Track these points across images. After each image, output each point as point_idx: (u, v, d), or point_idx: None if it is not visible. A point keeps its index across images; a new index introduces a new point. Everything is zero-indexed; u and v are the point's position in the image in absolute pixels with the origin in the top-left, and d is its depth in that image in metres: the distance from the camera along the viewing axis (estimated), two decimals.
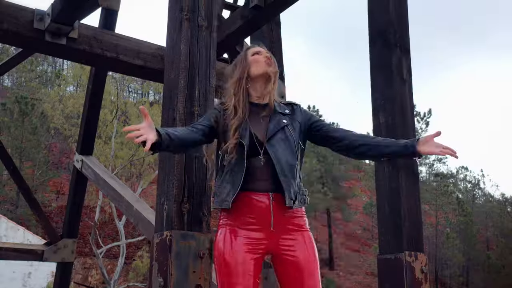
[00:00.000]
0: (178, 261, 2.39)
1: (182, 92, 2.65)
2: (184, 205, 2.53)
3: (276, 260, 2.41)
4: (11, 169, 8.53)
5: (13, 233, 17.07)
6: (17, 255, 8.09)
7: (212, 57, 2.81)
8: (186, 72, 2.69)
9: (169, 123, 2.69)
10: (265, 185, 2.37)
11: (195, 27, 2.77)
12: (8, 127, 28.32)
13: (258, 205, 2.35)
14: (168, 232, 2.45)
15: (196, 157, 2.62)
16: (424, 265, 3.16)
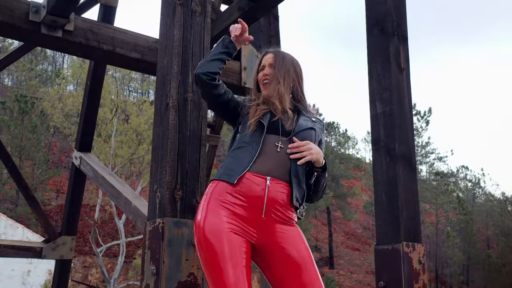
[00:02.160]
0: (170, 248, 2.34)
1: (175, 78, 2.60)
2: (177, 192, 2.47)
3: (265, 254, 2.26)
4: (9, 167, 8.50)
5: (12, 231, 17.02)
6: (15, 252, 8.05)
7: (206, 43, 2.76)
8: (179, 58, 2.64)
9: (162, 109, 2.65)
10: (269, 169, 2.27)
11: (188, 12, 2.72)
12: (8, 125, 28.29)
13: (252, 187, 2.23)
14: (160, 220, 2.39)
15: (189, 144, 2.57)
16: (422, 256, 3.12)
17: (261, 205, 2.22)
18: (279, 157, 2.31)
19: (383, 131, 3.31)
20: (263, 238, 2.24)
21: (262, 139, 2.30)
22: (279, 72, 2.48)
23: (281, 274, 2.24)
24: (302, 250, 2.28)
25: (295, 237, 2.29)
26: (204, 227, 2.15)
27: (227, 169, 2.28)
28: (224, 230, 2.14)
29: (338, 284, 33.06)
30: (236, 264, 2.10)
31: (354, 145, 60.55)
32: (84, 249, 28.65)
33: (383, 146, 3.29)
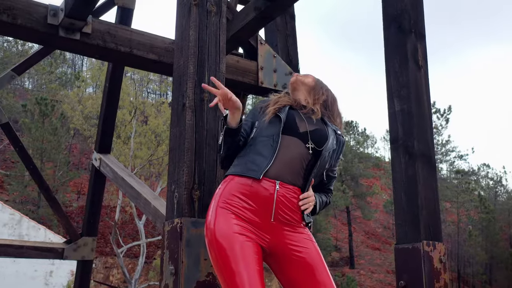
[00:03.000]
0: (189, 248, 2.34)
1: (192, 78, 2.60)
2: (194, 192, 2.48)
3: (278, 257, 2.26)
4: (31, 169, 8.62)
5: (35, 232, 17.23)
6: (38, 253, 8.16)
7: (221, 43, 2.75)
8: (195, 58, 2.64)
9: (179, 110, 2.65)
10: (279, 172, 2.27)
11: (204, 12, 2.72)
12: (29, 128, 28.65)
13: (261, 191, 2.22)
14: (178, 220, 2.40)
15: (206, 144, 2.57)
16: (443, 255, 3.08)
17: (270, 209, 2.23)
18: (295, 159, 2.32)
19: (402, 129, 3.27)
20: (274, 241, 2.25)
21: (279, 134, 2.34)
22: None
23: (294, 276, 2.25)
24: (313, 251, 2.29)
25: (305, 239, 2.31)
26: (214, 230, 2.17)
27: (251, 163, 2.30)
28: (234, 233, 2.15)
29: (359, 284, 32.89)
30: (248, 265, 2.10)
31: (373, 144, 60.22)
32: (105, 250, 28.90)
33: (401, 144, 3.25)
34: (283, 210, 2.25)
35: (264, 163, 2.26)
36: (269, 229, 2.23)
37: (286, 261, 2.25)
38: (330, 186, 2.67)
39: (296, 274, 2.23)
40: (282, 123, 2.34)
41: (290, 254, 2.24)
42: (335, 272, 31.67)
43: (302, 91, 2.65)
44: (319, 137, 2.42)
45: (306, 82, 2.68)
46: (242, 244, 2.14)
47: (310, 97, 2.61)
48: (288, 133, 2.35)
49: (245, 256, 2.12)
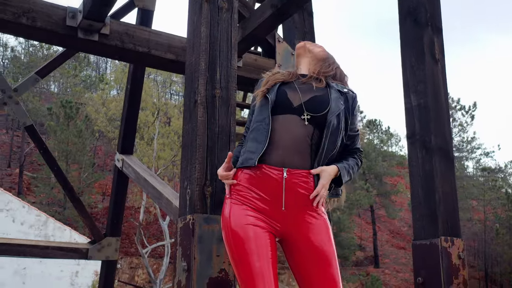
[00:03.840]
0: (201, 245, 2.34)
1: (203, 75, 2.60)
2: (207, 188, 2.48)
3: (289, 245, 2.23)
4: (55, 170, 8.75)
5: (60, 233, 17.47)
6: (63, 253, 8.28)
7: (233, 39, 2.75)
8: (207, 55, 2.64)
9: (191, 106, 2.66)
10: (283, 158, 2.20)
11: (215, 9, 2.72)
12: (54, 131, 29.06)
13: (269, 180, 2.17)
14: (191, 216, 2.40)
15: (219, 140, 2.57)
16: (462, 251, 3.04)
17: (280, 198, 2.18)
18: (297, 138, 2.23)
19: (418, 124, 3.24)
20: (288, 229, 2.21)
21: (269, 115, 2.26)
22: None
23: (304, 266, 2.21)
24: (327, 244, 2.23)
25: (321, 229, 2.23)
26: (230, 221, 2.16)
27: (248, 152, 2.27)
28: (249, 224, 2.14)
29: (384, 283, 32.61)
30: (261, 256, 2.09)
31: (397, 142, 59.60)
32: (130, 250, 29.15)
33: (418, 139, 3.22)
34: (293, 197, 2.20)
35: (258, 148, 2.21)
36: (282, 217, 2.19)
37: (297, 249, 2.22)
38: (355, 145, 2.47)
39: (304, 262, 2.20)
40: (270, 104, 2.24)
41: (305, 243, 2.20)
42: (359, 271, 31.49)
43: (307, 60, 2.52)
44: (318, 104, 2.28)
45: (315, 51, 2.54)
46: (255, 235, 2.13)
47: (316, 68, 2.47)
48: (281, 111, 2.25)
49: (258, 247, 2.11)
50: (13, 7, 4.77)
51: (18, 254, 8.51)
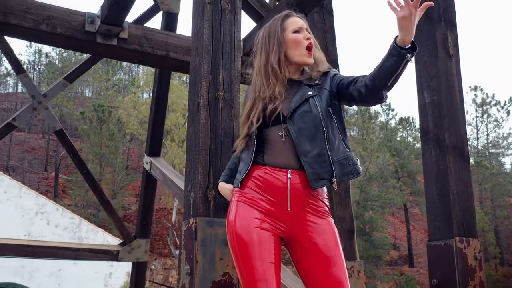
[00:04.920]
0: (204, 248, 2.33)
1: (205, 77, 2.59)
2: (209, 191, 2.47)
3: (295, 246, 2.20)
4: (85, 173, 8.90)
5: (93, 235, 17.75)
6: (94, 255, 8.42)
7: (236, 40, 2.73)
8: (209, 57, 2.63)
9: (194, 109, 2.65)
10: (286, 160, 2.18)
11: (217, 10, 2.71)
12: (88, 134, 29.58)
13: (274, 182, 2.16)
14: (193, 219, 2.39)
15: (222, 143, 2.56)
16: (478, 252, 2.95)
17: (285, 198, 2.16)
18: (289, 147, 2.20)
19: (432, 121, 3.16)
20: (293, 231, 2.18)
21: (253, 135, 2.23)
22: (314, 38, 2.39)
23: (308, 265, 2.18)
24: (332, 244, 2.18)
25: (325, 230, 2.20)
26: (235, 224, 2.15)
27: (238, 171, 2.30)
28: (253, 227, 2.13)
29: (418, 283, 32.11)
30: (264, 260, 2.08)
31: None
32: (164, 251, 29.46)
33: (432, 137, 3.14)
34: (299, 198, 2.17)
35: (249, 160, 2.25)
36: (287, 218, 2.17)
37: (302, 250, 2.19)
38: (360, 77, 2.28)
39: (312, 265, 2.16)
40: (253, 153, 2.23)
41: (309, 244, 2.17)
42: (393, 271, 31.08)
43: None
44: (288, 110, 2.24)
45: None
46: (260, 238, 2.11)
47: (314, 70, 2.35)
48: (272, 129, 2.25)
49: (262, 250, 2.09)
50: (33, 14, 4.86)
51: (51, 256, 8.69)
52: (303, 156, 2.17)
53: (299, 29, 2.36)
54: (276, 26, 2.36)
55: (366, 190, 29.17)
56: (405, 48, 2.07)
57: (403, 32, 2.05)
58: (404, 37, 2.06)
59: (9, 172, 36.69)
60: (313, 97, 2.25)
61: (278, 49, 2.29)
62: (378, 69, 2.16)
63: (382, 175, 29.13)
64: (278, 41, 2.30)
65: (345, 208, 5.67)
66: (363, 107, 39.43)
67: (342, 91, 2.32)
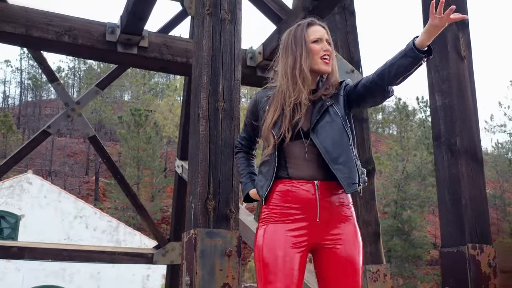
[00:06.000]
0: (203, 259, 2.33)
1: (205, 88, 2.60)
2: (209, 202, 2.47)
3: (318, 252, 2.24)
4: (118, 178, 9.08)
5: (131, 238, 18.09)
6: (129, 258, 8.58)
7: (236, 51, 2.73)
8: (209, 68, 2.63)
9: (195, 121, 2.66)
10: (310, 172, 2.22)
11: (217, 21, 2.71)
12: (125, 138, 30.07)
13: (303, 194, 2.20)
14: (193, 231, 2.40)
15: (222, 154, 2.56)
16: (492, 259, 2.87)
17: (314, 209, 2.20)
18: (312, 159, 2.24)
19: (443, 125, 3.10)
20: (319, 240, 2.23)
21: (275, 149, 2.24)
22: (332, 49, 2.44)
23: (327, 272, 2.23)
24: (352, 250, 2.23)
25: (348, 238, 2.24)
26: (262, 246, 2.20)
27: (259, 187, 2.32)
28: (280, 246, 2.16)
29: None
30: (288, 279, 2.13)
31: None
32: None
33: (443, 141, 3.08)
34: (327, 208, 2.22)
35: (266, 184, 2.27)
36: (315, 229, 2.21)
37: (321, 256, 2.24)
38: (368, 76, 2.32)
39: (326, 271, 2.22)
40: (275, 167, 2.24)
41: (327, 250, 2.22)
42: (433, 270, 30.47)
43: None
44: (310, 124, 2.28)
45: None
46: (285, 257, 2.15)
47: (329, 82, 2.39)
48: (293, 143, 2.27)
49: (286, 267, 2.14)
50: (55, 26, 4.96)
51: (87, 260, 8.89)
52: (333, 164, 2.20)
53: (318, 39, 2.41)
54: (302, 32, 2.42)
55: (404, 189, 28.72)
56: (422, 51, 2.13)
57: (427, 36, 2.14)
58: (424, 41, 2.14)
59: (52, 177, 37.66)
60: (331, 106, 2.31)
61: (307, 55, 2.34)
62: (389, 66, 2.20)
63: (420, 173, 28.63)
64: (306, 48, 2.36)
65: (370, 211, 5.60)
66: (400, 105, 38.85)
67: (350, 95, 2.37)
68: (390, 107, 58.19)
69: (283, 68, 2.36)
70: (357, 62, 6.12)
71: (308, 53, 2.34)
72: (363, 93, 2.31)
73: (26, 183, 17.77)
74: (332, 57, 2.42)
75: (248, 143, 2.51)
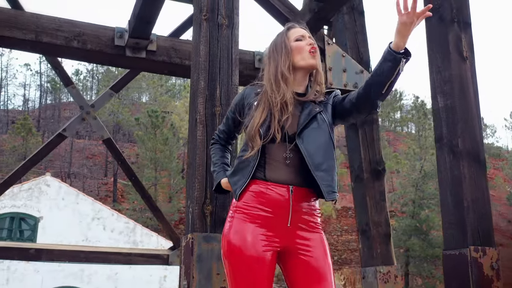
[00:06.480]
0: (200, 263, 2.35)
1: (202, 93, 2.61)
2: (206, 207, 2.49)
3: (287, 259, 2.22)
4: (133, 180, 9.18)
5: (148, 239, 18.19)
6: (145, 260, 8.68)
7: (233, 55, 2.73)
8: (206, 73, 2.65)
9: (192, 126, 2.68)
10: (287, 177, 2.20)
11: (214, 26, 2.72)
12: (142, 140, 30.27)
13: (276, 198, 2.17)
14: (190, 235, 2.42)
15: None
16: (495, 261, 2.85)
17: (286, 214, 2.18)
18: (292, 163, 2.22)
19: (445, 127, 3.08)
20: (288, 245, 2.21)
21: (259, 150, 2.20)
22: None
23: (296, 278, 2.20)
24: (322, 259, 2.21)
25: (316, 245, 2.22)
26: (230, 239, 2.18)
27: (232, 182, 2.27)
28: (249, 242, 2.15)
29: None
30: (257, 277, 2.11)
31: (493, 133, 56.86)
32: None
33: (445, 143, 3.06)
34: (299, 214, 2.20)
35: (248, 172, 2.24)
36: (284, 233, 2.19)
37: (293, 263, 2.21)
38: (354, 92, 2.31)
39: (295, 278, 2.19)
40: (254, 167, 2.21)
41: (297, 256, 2.20)
42: None
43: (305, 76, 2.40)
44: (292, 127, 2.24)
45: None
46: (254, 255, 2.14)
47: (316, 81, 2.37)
48: (275, 145, 2.23)
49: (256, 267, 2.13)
50: (64, 32, 5.02)
51: (104, 261, 9.01)
52: (315, 170, 2.18)
53: (301, 37, 2.41)
54: (282, 37, 2.42)
55: (422, 189, 28.51)
56: (400, 53, 2.09)
57: (400, 36, 2.09)
58: (399, 42, 2.09)
59: (71, 179, 38.07)
60: (320, 113, 2.29)
61: (286, 57, 2.34)
62: (372, 76, 2.19)
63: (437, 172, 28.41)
64: (285, 50, 2.36)
65: (381, 212, 5.58)
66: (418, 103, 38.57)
67: (337, 107, 2.36)
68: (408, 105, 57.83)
69: (267, 74, 2.36)
70: (367, 62, 6.10)
71: (288, 54, 2.34)
72: (349, 109, 2.30)
73: (44, 185, 17.99)
74: (317, 54, 2.39)
75: (226, 137, 2.47)
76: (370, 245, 5.49)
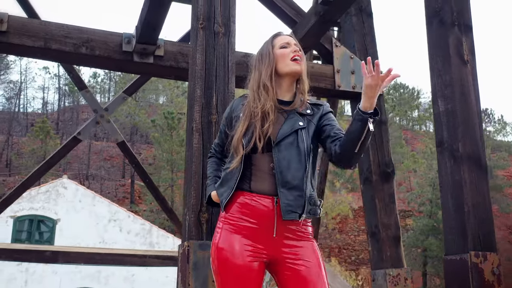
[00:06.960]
0: (196, 271, 2.37)
1: (198, 102, 2.63)
2: (202, 214, 2.50)
3: (278, 269, 2.22)
4: (147, 182, 9.26)
5: (164, 240, 18.32)
6: (159, 261, 8.76)
7: (230, 63, 2.75)
8: (202, 81, 2.66)
9: (189, 133, 2.70)
10: (272, 187, 2.19)
11: (211, 34, 2.74)
12: (159, 141, 30.45)
13: (261, 209, 2.18)
14: (187, 243, 2.44)
15: None
16: (496, 266, 2.83)
17: (271, 225, 2.18)
18: (273, 170, 2.21)
19: (446, 131, 3.06)
20: (276, 256, 2.21)
21: (242, 159, 2.22)
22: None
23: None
24: (313, 265, 2.20)
25: (307, 254, 2.22)
26: (218, 250, 2.19)
27: (219, 194, 2.28)
28: (237, 253, 2.16)
29: None
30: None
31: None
32: None
33: (446, 148, 3.04)
34: (284, 225, 2.20)
35: (233, 184, 2.25)
36: (271, 244, 2.20)
37: (284, 274, 2.21)
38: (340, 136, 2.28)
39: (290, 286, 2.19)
40: (238, 178, 2.22)
41: (287, 266, 2.20)
42: None
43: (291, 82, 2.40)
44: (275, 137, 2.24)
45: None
46: (242, 265, 2.16)
47: (300, 87, 2.38)
48: (260, 155, 2.25)
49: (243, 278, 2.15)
50: (73, 38, 5.08)
51: (120, 263, 9.10)
52: (280, 186, 2.18)
53: (286, 44, 2.41)
54: (267, 46, 2.44)
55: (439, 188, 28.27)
56: (367, 113, 2.11)
57: (366, 98, 2.11)
58: (365, 104, 2.11)
59: (89, 181, 38.42)
60: (301, 130, 2.28)
61: (269, 65, 2.35)
62: (345, 135, 2.22)
63: None
64: (268, 58, 2.37)
65: (390, 215, 5.55)
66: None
67: (321, 137, 2.35)
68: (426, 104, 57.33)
69: (251, 83, 2.37)
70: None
71: (270, 63, 2.35)
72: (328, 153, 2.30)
73: (61, 188, 18.21)
74: (303, 61, 2.40)
75: (221, 150, 2.48)
76: (379, 248, 5.47)
